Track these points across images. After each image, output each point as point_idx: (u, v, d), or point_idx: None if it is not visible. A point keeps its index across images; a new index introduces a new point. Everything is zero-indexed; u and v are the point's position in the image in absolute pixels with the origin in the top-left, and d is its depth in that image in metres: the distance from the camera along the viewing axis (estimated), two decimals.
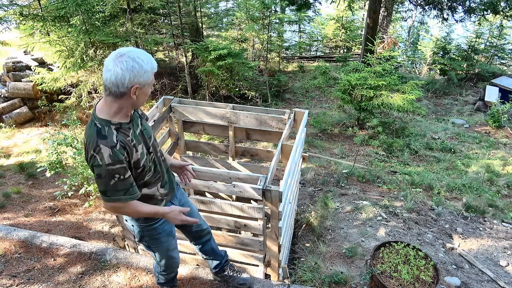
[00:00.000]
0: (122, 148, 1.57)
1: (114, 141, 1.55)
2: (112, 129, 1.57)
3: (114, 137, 1.56)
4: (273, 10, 10.47)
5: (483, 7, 8.67)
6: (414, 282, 2.45)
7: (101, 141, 1.52)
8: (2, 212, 4.12)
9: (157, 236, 2.00)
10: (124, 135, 1.62)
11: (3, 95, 7.73)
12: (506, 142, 7.53)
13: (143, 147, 1.71)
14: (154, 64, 1.58)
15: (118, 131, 1.59)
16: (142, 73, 1.52)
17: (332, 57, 13.48)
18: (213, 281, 2.62)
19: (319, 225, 3.90)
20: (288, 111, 3.37)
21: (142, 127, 1.77)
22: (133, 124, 1.71)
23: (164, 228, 2.00)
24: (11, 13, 6.79)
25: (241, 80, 9.01)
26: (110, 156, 1.52)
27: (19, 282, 2.63)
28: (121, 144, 1.57)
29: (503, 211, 4.60)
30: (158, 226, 1.97)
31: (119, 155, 1.54)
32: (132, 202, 1.69)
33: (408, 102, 6.96)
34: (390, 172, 5.76)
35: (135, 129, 1.70)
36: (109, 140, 1.54)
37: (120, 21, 7.42)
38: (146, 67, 1.53)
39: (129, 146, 1.62)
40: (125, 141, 1.60)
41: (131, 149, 1.63)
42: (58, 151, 4.37)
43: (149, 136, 1.81)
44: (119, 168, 1.55)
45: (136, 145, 1.67)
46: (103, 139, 1.53)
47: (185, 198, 2.24)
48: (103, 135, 1.54)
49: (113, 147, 1.53)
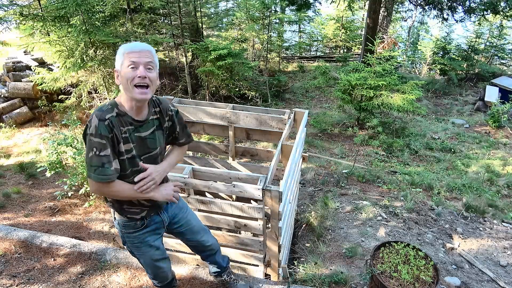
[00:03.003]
0: (109, 127, 1.56)
1: (105, 117, 1.57)
2: (113, 110, 1.61)
3: (108, 115, 1.58)
4: (273, 10, 10.47)
5: (483, 7, 8.67)
6: (414, 282, 2.45)
7: (96, 113, 1.58)
8: (2, 212, 4.12)
9: (138, 245, 1.92)
10: (121, 123, 1.61)
11: (3, 95, 7.73)
12: (506, 142, 7.53)
13: (133, 150, 1.66)
14: (130, 45, 1.58)
15: (117, 116, 1.61)
16: (117, 58, 1.60)
17: (332, 57, 13.48)
18: (213, 281, 2.62)
19: (319, 225, 3.90)
20: (288, 111, 3.37)
21: (151, 135, 1.72)
22: (142, 126, 1.68)
23: (145, 239, 1.91)
24: (11, 13, 6.78)
25: (241, 80, 9.01)
26: (96, 127, 1.55)
27: (19, 282, 2.63)
28: (110, 124, 1.57)
29: (503, 211, 4.60)
30: (138, 235, 1.89)
31: (103, 130, 1.55)
32: (104, 184, 1.59)
33: (408, 102, 6.96)
34: (390, 172, 5.76)
35: (139, 131, 1.68)
36: (102, 115, 1.57)
37: (120, 21, 7.42)
38: (119, 52, 1.59)
39: (117, 132, 1.59)
40: (117, 125, 1.59)
41: (118, 137, 1.60)
42: (58, 151, 4.37)
43: (152, 147, 1.74)
44: (98, 142, 1.55)
45: (126, 141, 1.64)
46: (99, 111, 1.59)
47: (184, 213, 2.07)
48: (102, 109, 1.60)
49: (101, 121, 1.55)
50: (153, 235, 1.94)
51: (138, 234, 1.88)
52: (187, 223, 2.07)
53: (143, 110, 1.68)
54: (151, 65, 1.59)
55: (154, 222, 1.91)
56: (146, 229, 1.89)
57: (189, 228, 2.08)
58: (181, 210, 2.07)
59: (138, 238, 1.89)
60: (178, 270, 2.71)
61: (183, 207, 2.10)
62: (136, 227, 1.86)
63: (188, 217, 2.09)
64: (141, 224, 1.86)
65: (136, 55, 1.55)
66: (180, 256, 2.96)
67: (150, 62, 1.58)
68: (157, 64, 1.64)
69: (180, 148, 1.96)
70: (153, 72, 1.59)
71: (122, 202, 1.79)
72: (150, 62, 1.58)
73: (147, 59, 1.57)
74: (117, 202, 1.80)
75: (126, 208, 1.81)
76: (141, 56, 1.56)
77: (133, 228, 1.86)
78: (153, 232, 1.93)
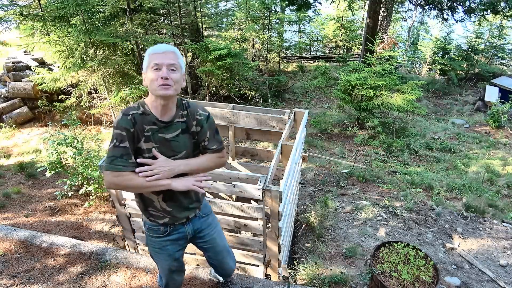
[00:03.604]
0: (131, 122, 1.60)
1: (128, 113, 1.62)
2: (139, 108, 1.65)
3: (133, 111, 1.63)
4: (273, 10, 10.47)
5: (483, 7, 8.67)
6: (414, 282, 2.45)
7: (123, 109, 1.65)
8: (2, 212, 4.12)
9: (157, 251, 1.92)
10: (144, 121, 1.64)
11: (3, 95, 7.73)
12: (506, 142, 7.53)
13: (157, 149, 1.66)
14: (154, 47, 1.61)
15: (142, 114, 1.64)
16: (144, 60, 1.64)
17: (332, 57, 13.48)
18: (213, 281, 2.62)
19: (319, 225, 3.90)
20: (288, 111, 3.37)
21: (175, 138, 1.70)
22: (167, 127, 1.67)
23: (165, 246, 1.89)
24: (11, 13, 6.79)
25: (241, 80, 9.01)
26: (119, 120, 1.61)
27: (19, 282, 2.63)
28: (132, 120, 1.61)
29: (503, 211, 4.60)
30: (159, 241, 1.88)
31: (124, 122, 1.59)
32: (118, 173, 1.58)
33: (408, 102, 6.96)
34: (390, 172, 5.76)
35: (163, 132, 1.67)
36: (127, 110, 1.63)
37: (120, 21, 7.42)
38: (146, 54, 1.63)
39: (139, 128, 1.62)
40: (139, 122, 1.62)
41: (140, 133, 1.62)
42: (58, 151, 4.37)
43: (178, 150, 1.71)
44: (119, 133, 1.60)
45: (148, 139, 1.64)
46: (126, 108, 1.66)
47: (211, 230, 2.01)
48: (129, 107, 1.67)
49: (124, 115, 1.61)
50: (174, 245, 1.92)
51: (159, 240, 1.88)
52: (211, 241, 2.02)
53: (168, 111, 1.67)
54: (175, 67, 1.61)
55: (177, 231, 1.89)
56: (168, 237, 1.88)
57: (212, 246, 2.04)
58: (209, 226, 2.01)
59: (159, 244, 1.90)
60: None
61: (212, 224, 2.03)
62: (159, 232, 1.86)
63: (214, 235, 2.03)
64: (163, 231, 1.86)
65: (160, 57, 1.59)
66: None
67: (173, 64, 1.60)
68: (181, 65, 1.66)
69: (211, 155, 1.81)
70: (176, 73, 1.61)
71: (147, 203, 1.79)
72: (173, 64, 1.60)
73: (170, 60, 1.59)
74: (142, 203, 1.81)
75: (150, 210, 1.81)
76: (165, 58, 1.59)
77: (156, 233, 1.87)
78: (175, 241, 1.91)
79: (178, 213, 1.83)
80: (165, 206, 1.78)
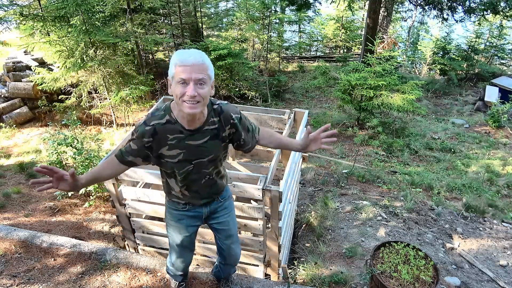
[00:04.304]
0: (149, 133, 1.57)
1: (150, 124, 1.57)
2: (164, 118, 1.58)
3: (155, 122, 1.58)
4: (273, 10, 10.47)
5: (483, 7, 8.68)
6: (414, 282, 2.45)
7: (148, 116, 1.62)
8: (2, 212, 4.13)
9: (173, 223, 1.99)
10: (169, 131, 1.59)
11: (3, 95, 7.73)
12: (506, 142, 7.54)
13: (182, 155, 1.65)
14: (182, 56, 1.43)
15: (167, 123, 1.59)
16: (170, 67, 1.50)
17: (332, 57, 13.48)
18: (213, 281, 2.62)
19: (319, 225, 3.90)
20: (288, 111, 3.37)
21: (204, 144, 1.66)
22: (193, 135, 1.62)
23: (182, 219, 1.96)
24: (11, 13, 6.79)
25: (241, 80, 9.02)
26: (139, 127, 1.59)
27: (19, 282, 2.63)
28: (152, 131, 1.57)
29: (503, 211, 4.60)
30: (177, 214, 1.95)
31: (142, 133, 1.58)
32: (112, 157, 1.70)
33: (408, 102, 6.96)
34: (390, 172, 5.76)
35: (189, 139, 1.62)
36: (149, 119, 1.59)
37: (120, 21, 7.43)
38: (172, 60, 1.47)
39: (160, 139, 1.60)
40: (161, 133, 1.59)
41: (161, 143, 1.61)
42: (58, 151, 4.37)
43: (205, 155, 1.70)
44: (132, 137, 1.63)
45: (172, 147, 1.62)
46: (150, 115, 1.61)
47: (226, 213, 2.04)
48: (154, 114, 1.60)
49: (145, 124, 1.58)
50: (189, 220, 1.98)
51: (177, 213, 1.95)
52: (224, 223, 2.06)
53: (196, 120, 1.61)
54: (204, 81, 1.45)
55: (194, 210, 1.96)
56: (186, 212, 1.95)
57: (224, 229, 2.07)
58: (224, 209, 2.04)
59: (176, 216, 1.96)
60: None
61: (228, 208, 2.06)
62: (178, 207, 1.94)
63: (228, 218, 2.06)
64: (182, 207, 1.93)
65: (187, 70, 1.41)
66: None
67: (202, 78, 1.43)
68: (211, 76, 1.50)
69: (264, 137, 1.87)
70: (205, 87, 1.46)
71: (169, 187, 1.85)
72: (202, 79, 1.43)
73: (198, 75, 1.42)
74: (165, 184, 1.87)
75: (173, 193, 1.88)
76: (193, 72, 1.41)
77: (175, 207, 1.94)
78: (190, 218, 1.98)
79: (199, 199, 1.90)
80: (187, 194, 1.85)
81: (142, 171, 2.46)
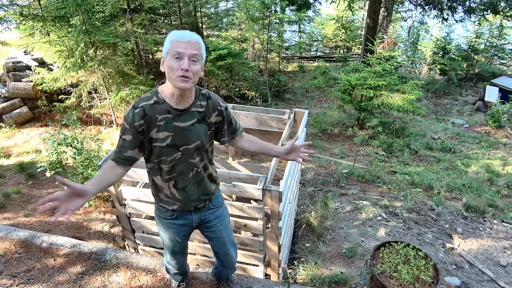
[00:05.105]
0: (139, 115, 1.57)
1: (139, 106, 1.59)
2: (152, 99, 1.61)
3: (143, 103, 1.59)
4: (273, 10, 10.47)
5: (483, 7, 8.68)
6: (414, 282, 2.45)
7: (136, 100, 1.63)
8: (2, 212, 4.13)
9: (163, 229, 1.97)
10: (157, 111, 1.60)
11: (3, 95, 7.73)
12: (506, 142, 7.53)
13: (170, 138, 1.65)
14: (178, 33, 1.52)
15: (155, 103, 1.60)
16: (165, 44, 1.55)
17: (332, 57, 13.48)
18: (213, 281, 2.62)
19: (319, 225, 3.90)
20: (288, 111, 3.37)
21: (190, 127, 1.67)
22: (181, 115, 1.64)
23: (171, 227, 1.92)
24: (11, 13, 6.79)
25: (241, 80, 9.01)
26: (128, 113, 1.60)
27: (19, 282, 2.63)
28: (142, 112, 1.58)
29: (503, 211, 4.60)
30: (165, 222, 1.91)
31: (131, 116, 1.58)
32: (112, 161, 1.65)
33: (408, 102, 6.96)
34: (390, 172, 5.76)
35: (177, 120, 1.64)
36: (137, 102, 1.60)
37: (120, 21, 7.42)
38: (168, 37, 1.53)
39: (150, 119, 1.59)
40: (151, 113, 1.59)
41: (151, 124, 1.61)
42: (58, 151, 4.37)
43: (191, 140, 1.69)
44: (124, 126, 1.61)
45: (161, 129, 1.62)
46: (138, 99, 1.63)
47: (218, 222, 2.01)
48: (141, 97, 1.63)
49: (134, 108, 1.59)
50: (179, 228, 1.95)
51: (165, 221, 1.93)
52: (217, 232, 2.04)
53: (184, 100, 1.64)
54: (197, 58, 1.54)
55: (183, 218, 1.92)
56: (175, 221, 1.92)
57: (217, 237, 2.06)
58: (216, 218, 2.01)
59: (165, 224, 1.94)
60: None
61: (220, 216, 2.02)
62: (167, 215, 1.90)
63: (220, 227, 2.03)
64: (171, 214, 1.90)
65: (183, 45, 1.50)
66: None
67: (196, 54, 1.53)
68: (203, 56, 1.60)
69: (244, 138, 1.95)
70: (197, 64, 1.56)
71: (158, 189, 1.82)
72: (196, 55, 1.53)
73: (193, 50, 1.52)
74: (153, 186, 1.84)
75: (161, 196, 1.84)
76: (188, 47, 1.51)
77: (163, 214, 1.91)
78: (180, 226, 1.94)
79: (188, 201, 1.85)
80: (175, 193, 1.81)
81: (142, 171, 2.45)
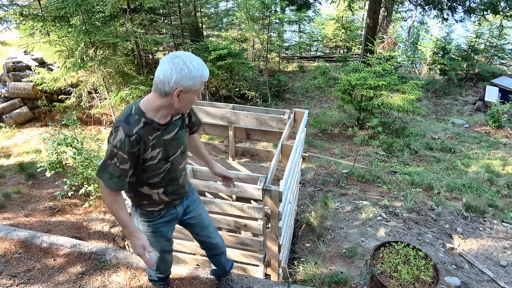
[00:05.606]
0: (135, 141, 1.57)
1: (132, 132, 1.56)
2: (141, 121, 1.60)
3: (136, 128, 1.58)
4: (273, 10, 10.47)
5: (483, 7, 8.67)
6: (414, 282, 2.45)
7: (123, 125, 1.57)
8: (2, 212, 4.12)
9: (151, 234, 1.96)
10: (148, 132, 1.62)
11: (3, 95, 7.73)
12: (506, 142, 7.53)
13: (161, 153, 1.70)
14: (204, 72, 1.58)
15: (145, 126, 1.60)
16: (189, 78, 1.53)
17: (332, 57, 13.48)
18: (213, 281, 2.62)
19: (319, 225, 3.90)
20: (288, 111, 3.37)
21: (175, 136, 1.76)
22: (167, 128, 1.70)
23: (159, 229, 1.96)
24: (11, 13, 6.79)
25: (241, 80, 9.01)
26: (120, 141, 1.55)
27: (19, 282, 2.63)
28: (137, 138, 1.57)
29: (503, 211, 4.60)
30: (152, 225, 1.93)
31: (128, 146, 1.55)
32: (111, 192, 1.65)
33: (408, 102, 6.96)
34: (390, 172, 5.76)
35: (164, 134, 1.69)
36: (129, 129, 1.56)
37: (120, 21, 7.42)
38: (195, 73, 1.54)
39: (145, 142, 1.61)
40: (144, 137, 1.60)
41: (146, 146, 1.63)
42: (58, 151, 4.37)
43: (178, 146, 1.79)
44: (120, 155, 1.57)
45: (154, 147, 1.66)
46: (126, 124, 1.57)
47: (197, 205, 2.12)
48: (129, 121, 1.58)
49: (128, 136, 1.55)
50: (166, 226, 1.98)
51: (153, 223, 1.93)
52: (197, 216, 2.10)
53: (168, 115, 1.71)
54: None
55: (169, 213, 1.96)
56: (161, 219, 1.93)
57: (199, 221, 2.11)
58: (195, 202, 2.11)
59: (153, 227, 1.94)
60: (178, 270, 2.72)
61: (197, 199, 2.14)
62: (153, 217, 1.91)
63: (199, 210, 2.12)
64: (157, 214, 1.91)
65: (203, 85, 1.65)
66: (180, 256, 2.96)
67: None
68: None
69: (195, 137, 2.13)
70: None
71: (141, 197, 1.83)
72: None
73: None
74: (136, 197, 1.84)
75: (145, 203, 1.86)
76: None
77: (149, 217, 1.91)
78: (167, 223, 1.97)
79: (175, 199, 1.94)
80: (164, 197, 1.86)
81: None
